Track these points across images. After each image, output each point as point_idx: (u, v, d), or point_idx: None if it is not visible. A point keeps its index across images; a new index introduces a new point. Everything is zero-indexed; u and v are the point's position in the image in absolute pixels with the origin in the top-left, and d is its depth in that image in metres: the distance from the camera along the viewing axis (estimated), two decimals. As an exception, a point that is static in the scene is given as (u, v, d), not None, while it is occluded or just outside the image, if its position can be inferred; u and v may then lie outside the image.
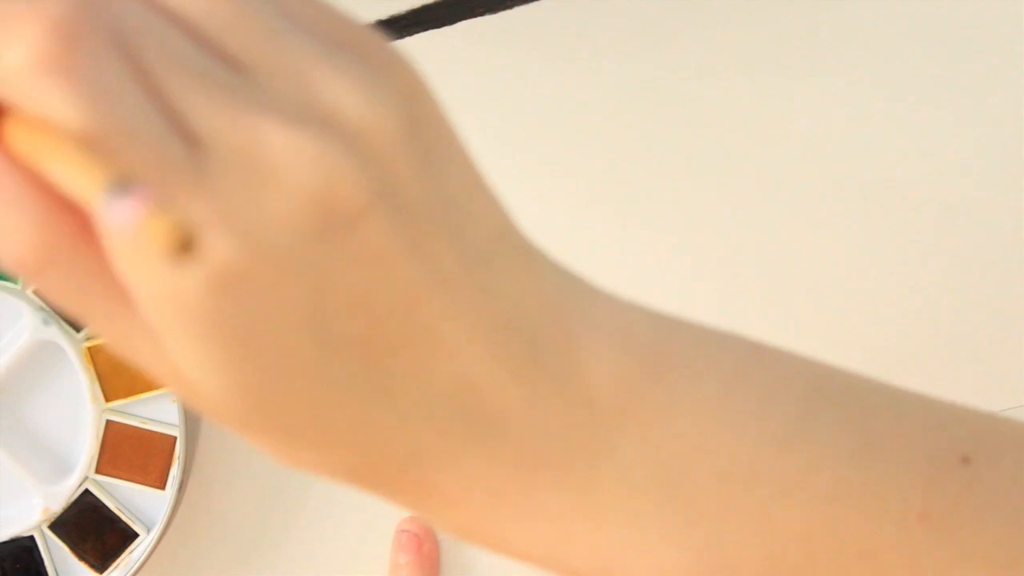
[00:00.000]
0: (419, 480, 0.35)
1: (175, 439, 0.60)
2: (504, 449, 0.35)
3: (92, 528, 0.60)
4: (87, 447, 0.60)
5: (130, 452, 0.60)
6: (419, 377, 0.34)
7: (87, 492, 0.60)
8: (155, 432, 0.60)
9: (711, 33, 0.61)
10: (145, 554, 0.60)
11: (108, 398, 0.60)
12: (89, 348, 0.59)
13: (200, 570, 0.63)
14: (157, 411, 0.60)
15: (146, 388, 0.60)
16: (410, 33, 0.60)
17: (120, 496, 0.61)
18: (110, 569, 0.61)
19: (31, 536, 0.60)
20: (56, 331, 0.59)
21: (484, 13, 0.60)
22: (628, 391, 0.36)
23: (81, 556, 0.61)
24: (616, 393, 0.36)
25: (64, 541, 0.61)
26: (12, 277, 0.59)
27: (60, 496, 0.60)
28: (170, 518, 0.60)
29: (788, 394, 0.38)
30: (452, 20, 0.60)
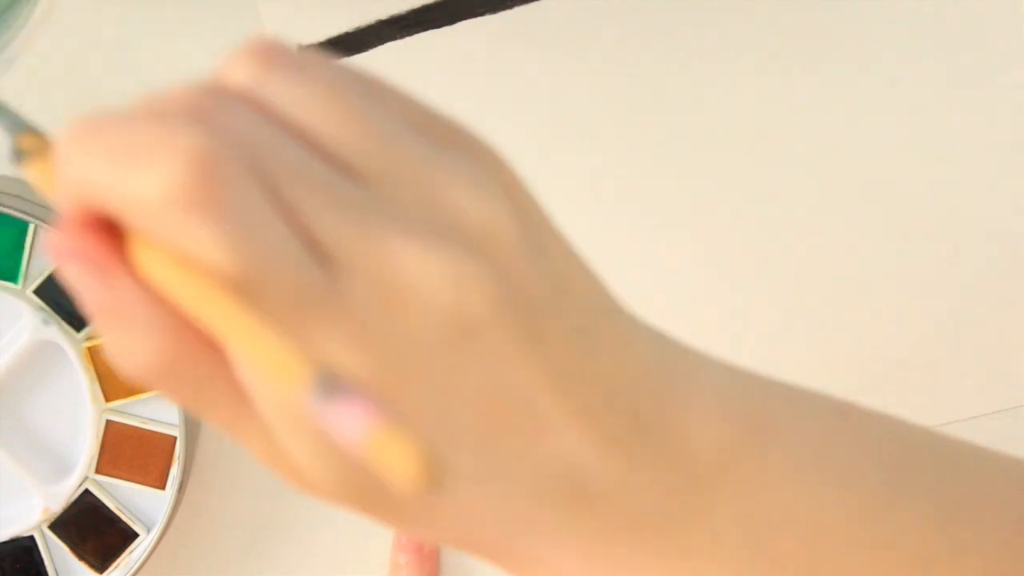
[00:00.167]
0: (518, 550, 0.36)
1: (175, 439, 0.60)
2: (604, 518, 0.35)
3: (92, 528, 0.60)
4: (87, 447, 0.60)
5: (130, 452, 0.60)
6: (526, 458, 0.34)
7: (87, 492, 0.60)
8: (155, 432, 0.60)
9: (712, 33, 0.61)
10: (145, 554, 0.60)
11: (108, 398, 0.60)
12: (89, 348, 0.59)
13: (200, 570, 0.63)
14: (157, 411, 0.60)
15: (146, 388, 0.60)
16: (410, 33, 0.60)
17: (120, 496, 0.61)
18: (110, 569, 0.61)
19: (31, 536, 0.60)
20: (56, 331, 0.59)
21: (484, 13, 0.60)
22: (726, 457, 0.36)
23: (81, 556, 0.61)
24: (715, 459, 0.36)
25: (64, 541, 0.61)
26: (12, 277, 0.59)
27: (60, 496, 0.60)
28: (170, 518, 0.60)
29: (875, 458, 0.38)
30: (452, 20, 0.60)
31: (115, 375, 0.60)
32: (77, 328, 0.59)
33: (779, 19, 0.61)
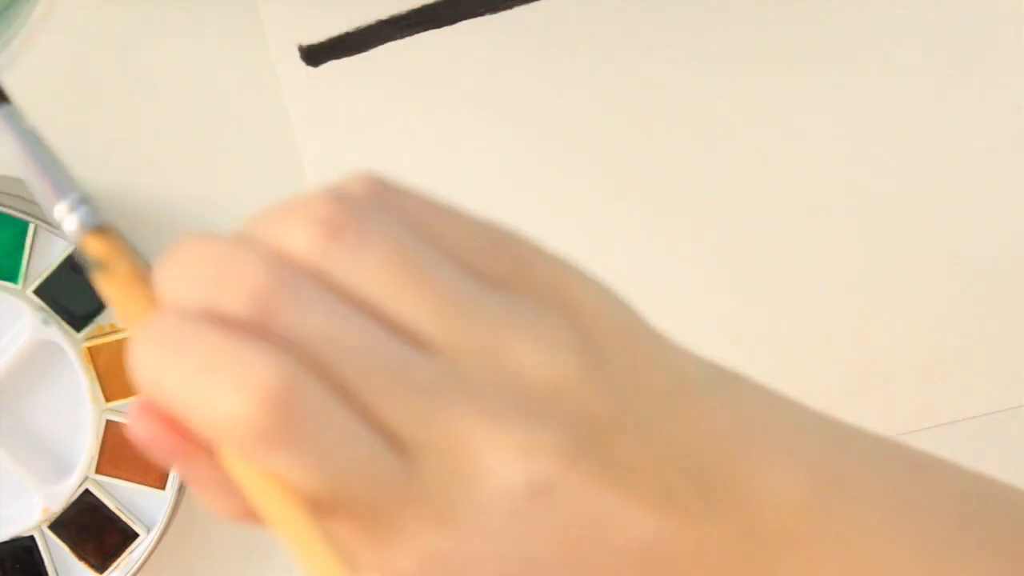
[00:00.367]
0: None
1: (175, 439, 0.60)
2: None
3: (92, 528, 0.60)
4: (87, 447, 0.60)
5: (130, 452, 0.60)
6: (606, 555, 0.34)
7: (87, 492, 0.60)
8: (155, 432, 0.60)
9: (712, 33, 0.61)
10: (145, 554, 0.60)
11: (108, 398, 0.60)
12: (89, 348, 0.59)
13: (200, 570, 0.63)
14: (157, 411, 0.60)
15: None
16: (410, 33, 0.60)
17: (120, 496, 0.61)
18: (110, 569, 0.60)
19: (31, 536, 0.60)
20: (56, 331, 0.59)
21: (484, 13, 0.60)
22: (795, 515, 0.36)
23: (81, 556, 0.61)
24: (785, 518, 0.36)
25: (64, 541, 0.61)
26: (12, 277, 0.59)
27: (60, 496, 0.60)
28: (170, 518, 0.60)
29: (941, 510, 0.38)
30: (452, 20, 0.60)
31: (115, 375, 0.60)
32: (77, 328, 0.59)
33: (779, 19, 0.61)
